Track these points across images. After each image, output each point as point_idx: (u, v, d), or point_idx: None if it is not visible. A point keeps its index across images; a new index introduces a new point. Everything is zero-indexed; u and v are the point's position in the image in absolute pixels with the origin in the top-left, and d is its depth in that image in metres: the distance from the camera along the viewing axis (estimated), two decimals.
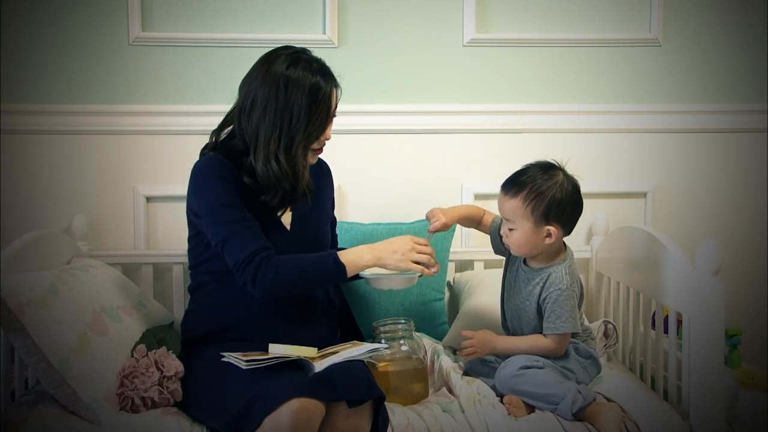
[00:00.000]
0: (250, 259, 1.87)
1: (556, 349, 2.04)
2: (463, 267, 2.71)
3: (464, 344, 2.09)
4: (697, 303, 1.93)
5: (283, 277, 1.88)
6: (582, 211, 2.08)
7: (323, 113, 1.96)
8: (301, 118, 1.92)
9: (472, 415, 1.90)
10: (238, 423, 1.65)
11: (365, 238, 2.43)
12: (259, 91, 1.93)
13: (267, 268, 1.87)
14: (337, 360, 1.82)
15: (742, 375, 2.21)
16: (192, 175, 1.99)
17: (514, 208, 2.02)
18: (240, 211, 1.92)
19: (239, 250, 1.89)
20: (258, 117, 1.92)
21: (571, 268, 2.08)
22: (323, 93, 1.94)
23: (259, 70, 1.96)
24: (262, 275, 1.87)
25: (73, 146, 2.61)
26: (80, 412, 1.80)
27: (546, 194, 2.00)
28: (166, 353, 1.94)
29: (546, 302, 2.04)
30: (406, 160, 2.74)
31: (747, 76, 2.81)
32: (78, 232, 2.51)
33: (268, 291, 1.88)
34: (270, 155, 1.91)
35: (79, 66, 2.60)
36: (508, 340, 2.11)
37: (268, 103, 1.91)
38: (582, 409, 1.90)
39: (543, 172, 2.03)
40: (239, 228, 1.91)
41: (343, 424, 1.71)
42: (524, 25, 2.75)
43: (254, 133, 1.93)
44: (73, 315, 1.87)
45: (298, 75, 1.92)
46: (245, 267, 1.87)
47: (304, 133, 1.93)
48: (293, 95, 1.91)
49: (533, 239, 2.03)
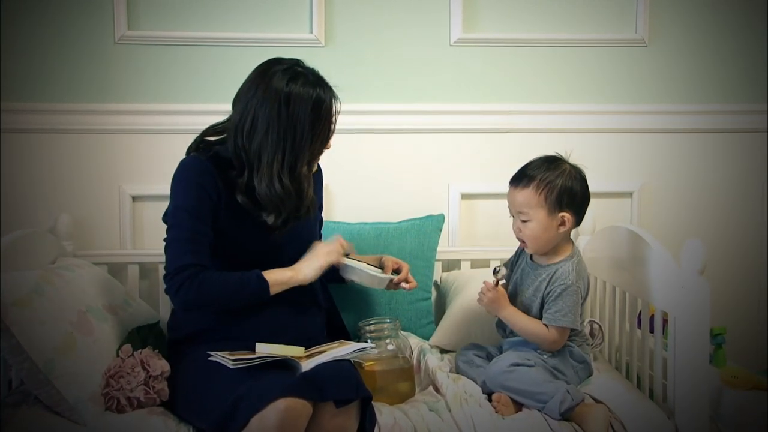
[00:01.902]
0: (179, 272, 1.88)
1: (552, 342, 2.05)
2: (450, 266, 2.71)
3: (483, 290, 2.11)
4: (682, 302, 1.94)
5: (204, 294, 1.89)
6: (590, 199, 2.12)
7: (326, 127, 1.94)
8: (305, 135, 1.89)
9: (459, 414, 1.90)
10: (225, 423, 1.64)
11: (352, 238, 2.43)
12: (259, 110, 1.88)
13: (191, 284, 1.87)
14: (324, 359, 1.82)
15: (727, 374, 2.22)
16: (174, 173, 1.97)
17: (527, 198, 2.06)
18: (198, 220, 1.91)
19: (176, 257, 1.89)
20: (261, 138, 1.88)
21: (579, 265, 2.10)
22: (325, 106, 1.92)
23: (257, 87, 1.90)
24: (186, 290, 1.87)
25: (58, 145, 2.59)
26: (65, 412, 1.78)
27: (556, 182, 2.04)
28: (152, 353, 1.94)
29: (549, 296, 2.06)
30: (393, 159, 2.74)
31: (732, 77, 2.84)
32: (63, 231, 2.49)
33: (187, 305, 1.91)
34: (273, 177, 1.88)
35: (65, 65, 2.59)
36: (514, 311, 2.11)
37: (270, 123, 1.87)
38: (570, 409, 1.91)
39: (549, 163, 2.09)
40: (186, 236, 1.90)
41: (330, 423, 1.70)
42: (511, 25, 2.75)
43: (256, 155, 1.90)
44: (58, 315, 1.86)
45: (300, 91, 1.88)
46: (173, 277, 1.88)
47: (309, 150, 1.92)
48: (296, 113, 1.87)
49: (548, 228, 2.06)
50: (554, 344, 2.06)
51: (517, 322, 2.09)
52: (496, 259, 2.66)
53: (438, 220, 2.59)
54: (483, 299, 2.12)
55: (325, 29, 2.67)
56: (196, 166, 1.94)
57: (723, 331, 2.43)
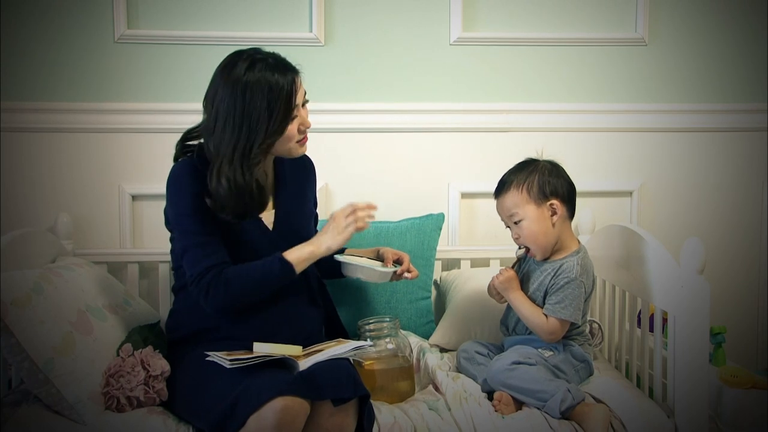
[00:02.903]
0: (203, 275, 1.88)
1: (550, 332, 2.06)
2: (450, 266, 2.71)
3: (502, 271, 2.14)
4: (682, 301, 1.94)
5: (233, 289, 1.89)
6: (574, 187, 2.15)
7: (283, 109, 1.90)
8: (261, 121, 1.87)
9: (459, 413, 1.90)
10: (223, 422, 1.64)
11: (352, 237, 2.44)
12: (220, 105, 1.88)
13: (218, 284, 1.88)
14: (321, 358, 1.82)
15: (727, 373, 2.22)
16: (167, 181, 1.97)
17: (512, 199, 2.11)
18: (203, 222, 1.91)
19: (194, 263, 1.90)
20: (219, 132, 1.88)
21: (584, 260, 2.11)
22: (281, 89, 1.89)
23: (219, 83, 1.91)
24: (214, 292, 1.88)
25: (57, 144, 2.60)
26: (64, 411, 1.79)
27: (533, 176, 2.10)
28: (152, 352, 1.94)
29: (552, 288, 2.08)
30: (393, 158, 2.74)
31: (732, 76, 2.83)
32: (62, 230, 2.50)
33: (219, 306, 1.90)
34: (221, 174, 1.87)
35: (65, 64, 2.59)
36: (522, 295, 2.12)
37: (228, 116, 1.87)
38: (570, 408, 1.91)
39: (523, 165, 2.15)
40: (199, 240, 1.91)
41: (328, 422, 1.70)
42: (511, 24, 2.75)
43: (216, 150, 1.90)
44: (57, 314, 1.86)
45: (256, 77, 1.87)
46: (198, 281, 1.89)
47: (266, 135, 1.89)
48: (252, 101, 1.86)
49: (541, 220, 2.09)
50: (552, 335, 2.06)
51: (520, 306, 2.10)
52: (495, 259, 2.67)
53: (438, 219, 2.59)
54: (496, 279, 2.14)
55: (324, 28, 2.67)
56: (187, 170, 1.95)
57: (723, 330, 2.43)
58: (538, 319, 2.07)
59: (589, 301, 2.15)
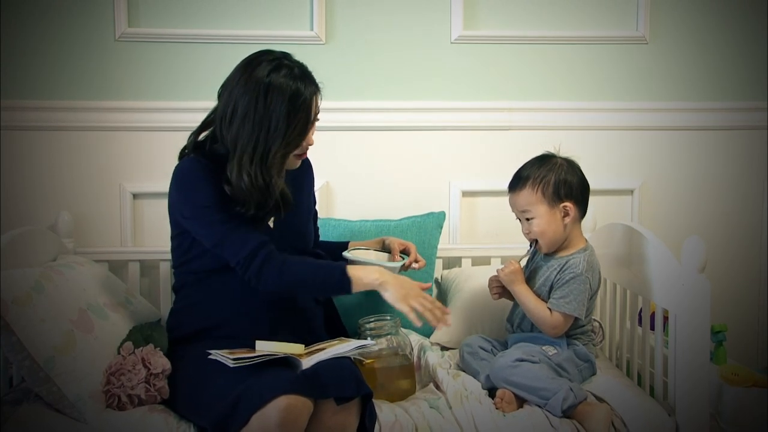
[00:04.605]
0: (253, 256, 1.87)
1: (553, 326, 2.07)
2: (451, 264, 2.71)
3: (507, 264, 2.14)
4: (683, 300, 1.94)
5: (287, 278, 1.89)
6: (589, 187, 2.16)
7: (303, 120, 1.92)
8: (279, 127, 1.88)
9: (459, 411, 1.90)
10: (226, 421, 1.64)
11: (353, 235, 2.43)
12: (240, 99, 1.88)
13: (271, 266, 1.88)
14: (324, 357, 1.82)
15: (728, 371, 2.22)
16: (177, 178, 1.96)
17: (526, 197, 2.11)
18: (228, 210, 1.90)
19: (239, 247, 1.88)
20: (237, 127, 1.88)
21: (591, 257, 2.13)
22: (303, 99, 1.90)
23: (240, 77, 1.91)
24: (267, 272, 1.87)
25: (58, 142, 2.59)
26: (66, 410, 1.79)
27: (550, 176, 2.10)
28: (153, 350, 1.93)
29: (558, 283, 2.09)
30: (394, 157, 2.74)
31: (733, 74, 2.83)
32: (63, 228, 2.49)
33: (269, 288, 1.89)
34: (242, 169, 1.87)
35: (65, 62, 2.58)
36: (526, 289, 2.13)
37: (248, 113, 1.87)
38: (572, 407, 1.91)
39: (540, 161, 2.14)
40: (233, 226, 1.89)
41: (331, 421, 1.71)
42: (512, 23, 2.75)
43: (233, 143, 1.90)
44: (58, 312, 1.86)
45: (280, 82, 1.87)
46: (249, 263, 1.88)
47: (283, 142, 1.89)
48: (273, 103, 1.86)
49: (553, 221, 2.10)
50: (555, 329, 2.07)
51: (525, 300, 2.11)
52: (497, 257, 2.67)
53: (439, 217, 2.59)
54: (501, 272, 2.14)
55: (325, 26, 2.67)
56: (198, 165, 1.94)
57: (723, 328, 2.43)
58: (542, 312, 2.08)
59: (594, 299, 2.16)
